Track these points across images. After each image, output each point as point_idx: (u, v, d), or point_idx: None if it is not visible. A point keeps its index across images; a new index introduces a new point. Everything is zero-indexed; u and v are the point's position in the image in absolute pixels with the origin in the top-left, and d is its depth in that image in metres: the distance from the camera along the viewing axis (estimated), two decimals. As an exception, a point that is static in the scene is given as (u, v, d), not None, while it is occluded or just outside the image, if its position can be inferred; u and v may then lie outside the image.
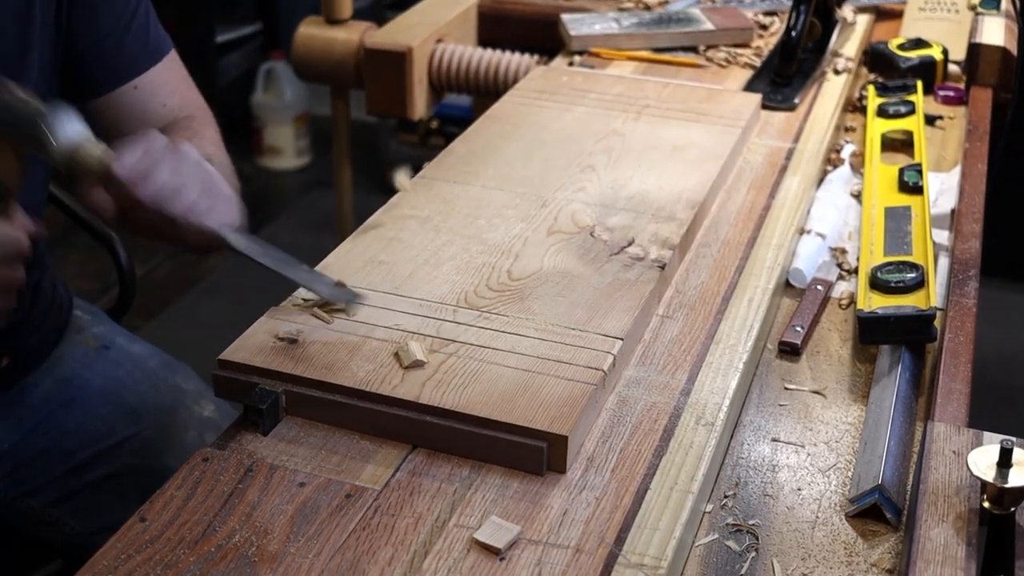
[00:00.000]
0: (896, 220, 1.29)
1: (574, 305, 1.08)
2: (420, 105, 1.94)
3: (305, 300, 1.08)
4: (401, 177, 1.29)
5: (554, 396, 0.95)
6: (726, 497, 0.97)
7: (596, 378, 0.98)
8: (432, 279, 1.12)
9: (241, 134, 3.88)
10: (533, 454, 0.92)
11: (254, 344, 1.01)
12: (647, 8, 2.02)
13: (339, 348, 1.01)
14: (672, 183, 1.32)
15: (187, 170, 1.06)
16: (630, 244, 1.19)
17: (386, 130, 3.74)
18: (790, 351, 1.16)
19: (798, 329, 1.17)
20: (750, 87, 1.67)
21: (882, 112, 1.60)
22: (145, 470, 1.38)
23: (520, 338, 1.03)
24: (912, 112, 1.58)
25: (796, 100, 1.62)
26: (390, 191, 1.29)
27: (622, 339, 1.03)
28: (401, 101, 1.91)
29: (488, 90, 1.94)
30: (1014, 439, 0.84)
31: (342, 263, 1.14)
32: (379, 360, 0.99)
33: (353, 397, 0.96)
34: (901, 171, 1.39)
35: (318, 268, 1.13)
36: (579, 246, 1.19)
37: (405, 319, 1.05)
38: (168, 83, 1.30)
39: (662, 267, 1.15)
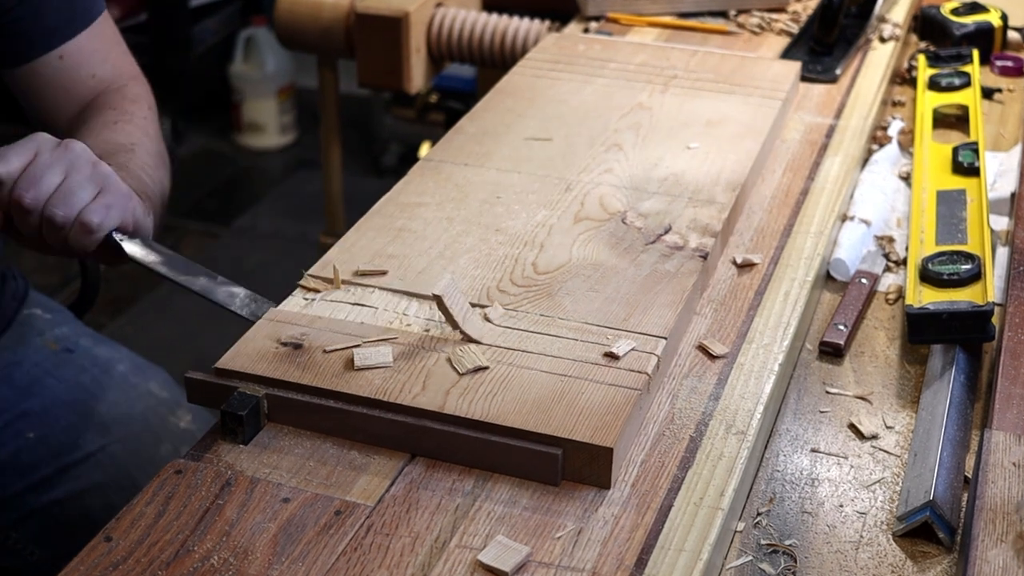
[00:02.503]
0: (949, 205, 1.29)
1: (609, 301, 1.08)
2: (417, 76, 1.94)
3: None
4: None
5: (594, 403, 0.95)
6: (760, 514, 0.97)
7: (640, 382, 0.98)
8: (449, 274, 1.12)
9: (218, 109, 3.88)
10: (547, 462, 0.92)
11: (254, 350, 1.01)
12: (671, -32, 2.02)
13: (349, 353, 1.01)
14: (709, 162, 1.32)
15: (79, 171, 1.07)
16: (667, 231, 1.19)
17: (379, 104, 3.74)
18: (831, 352, 1.16)
19: (840, 327, 1.17)
20: (787, 56, 1.67)
21: (934, 84, 1.60)
22: (114, 488, 1.38)
23: (552, 339, 1.03)
24: (967, 84, 1.58)
25: (838, 71, 1.62)
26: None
27: (666, 338, 1.03)
28: (396, 72, 1.91)
29: (494, 60, 1.94)
30: (1082, 450, 0.85)
31: (346, 257, 1.14)
32: (396, 366, 0.99)
33: (362, 405, 0.96)
34: (955, 150, 1.39)
35: (319, 264, 1.12)
36: (610, 234, 1.19)
37: (421, 320, 1.05)
38: (98, 50, 1.30)
39: (704, 256, 1.15)
